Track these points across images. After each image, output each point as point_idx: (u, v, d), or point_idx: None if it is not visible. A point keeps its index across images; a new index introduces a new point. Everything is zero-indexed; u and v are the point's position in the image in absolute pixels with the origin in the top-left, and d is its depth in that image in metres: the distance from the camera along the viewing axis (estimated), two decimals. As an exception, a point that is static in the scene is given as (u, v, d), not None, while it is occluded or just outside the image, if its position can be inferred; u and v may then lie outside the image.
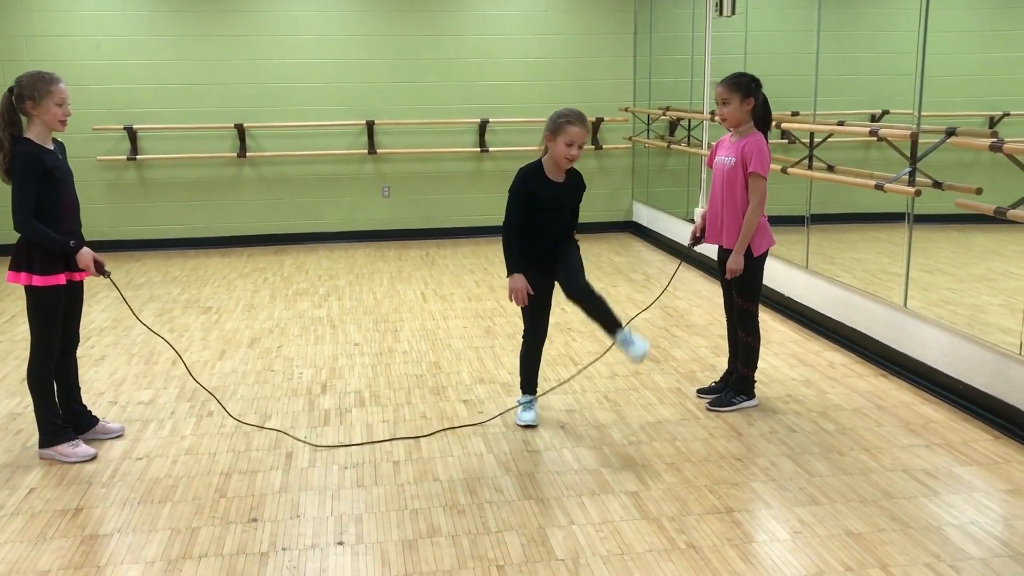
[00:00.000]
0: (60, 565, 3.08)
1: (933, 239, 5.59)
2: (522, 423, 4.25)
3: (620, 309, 6.35)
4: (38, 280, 3.73)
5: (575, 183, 4.14)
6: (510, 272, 4.02)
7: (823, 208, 6.07)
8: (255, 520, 3.38)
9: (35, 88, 3.68)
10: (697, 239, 4.57)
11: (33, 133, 3.73)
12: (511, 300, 4.05)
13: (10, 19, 8.30)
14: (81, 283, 4.02)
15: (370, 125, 8.94)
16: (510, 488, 3.61)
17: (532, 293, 4.02)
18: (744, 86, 4.21)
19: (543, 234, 4.08)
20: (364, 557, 3.11)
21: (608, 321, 4.03)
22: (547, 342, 5.60)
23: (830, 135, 5.70)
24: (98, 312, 6.44)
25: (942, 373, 4.54)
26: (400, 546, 3.17)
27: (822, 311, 5.69)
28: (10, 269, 3.78)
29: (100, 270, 3.90)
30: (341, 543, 3.20)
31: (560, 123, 3.91)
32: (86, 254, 3.82)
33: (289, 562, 3.08)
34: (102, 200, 8.72)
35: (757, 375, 4.52)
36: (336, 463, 3.87)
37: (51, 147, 3.81)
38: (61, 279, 3.79)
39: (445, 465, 3.84)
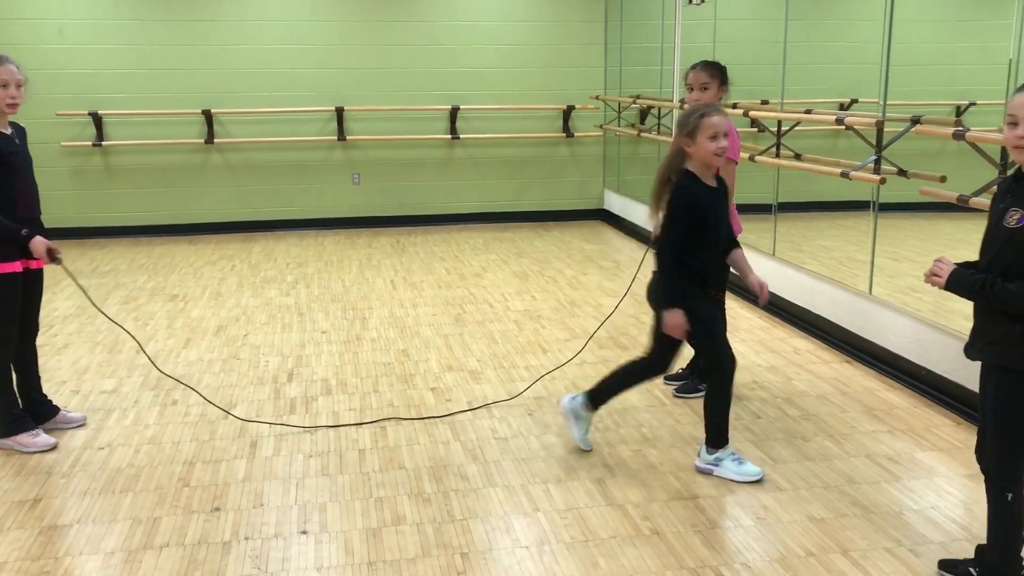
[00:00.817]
0: (17, 556, 3.04)
1: (899, 227, 5.63)
2: (751, 477, 3.56)
3: (590, 296, 6.37)
4: (-8, 268, 3.67)
5: (722, 184, 3.66)
6: (670, 305, 3.48)
7: (790, 196, 6.10)
8: (218, 509, 3.35)
9: None
10: None
11: (-12, 118, 3.67)
12: (667, 332, 3.54)
13: (-30, 1, 8.15)
14: (40, 271, 3.95)
15: (340, 111, 8.86)
16: (476, 476, 3.60)
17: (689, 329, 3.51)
18: (723, 72, 4.24)
19: (714, 251, 3.64)
20: (328, 546, 3.09)
21: (607, 392, 3.81)
22: (516, 328, 5.64)
23: (797, 123, 5.73)
24: (62, 300, 6.35)
25: (906, 360, 4.59)
26: (364, 534, 3.15)
27: (788, 298, 5.72)
28: None
29: (52, 257, 3.81)
30: (305, 532, 3.18)
31: (695, 121, 3.41)
32: (38, 242, 3.74)
33: (252, 551, 3.06)
34: (67, 187, 8.59)
35: (724, 362, 4.54)
36: (301, 451, 3.85)
37: (8, 131, 3.74)
38: (17, 267, 3.72)
39: (411, 453, 3.83)
